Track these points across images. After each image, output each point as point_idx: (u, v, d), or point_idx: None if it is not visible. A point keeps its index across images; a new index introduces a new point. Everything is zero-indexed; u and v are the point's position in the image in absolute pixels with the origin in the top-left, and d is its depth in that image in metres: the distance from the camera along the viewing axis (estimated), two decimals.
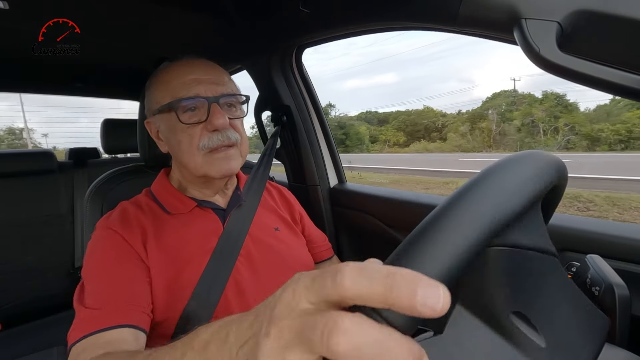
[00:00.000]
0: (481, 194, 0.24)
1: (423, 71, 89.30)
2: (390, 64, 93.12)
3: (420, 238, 0.22)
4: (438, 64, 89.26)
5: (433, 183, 6.87)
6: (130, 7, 0.79)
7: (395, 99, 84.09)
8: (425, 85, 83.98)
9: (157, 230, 0.58)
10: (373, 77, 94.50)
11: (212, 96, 0.57)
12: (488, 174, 0.26)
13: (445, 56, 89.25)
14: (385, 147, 28.28)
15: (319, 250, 0.81)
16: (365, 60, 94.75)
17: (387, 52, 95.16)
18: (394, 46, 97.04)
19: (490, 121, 21.83)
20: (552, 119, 19.16)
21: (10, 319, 1.34)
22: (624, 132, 15.44)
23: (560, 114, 19.15)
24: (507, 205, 0.24)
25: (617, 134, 15.62)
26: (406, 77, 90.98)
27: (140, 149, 0.77)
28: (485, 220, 0.23)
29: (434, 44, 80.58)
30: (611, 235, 0.57)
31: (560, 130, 17.73)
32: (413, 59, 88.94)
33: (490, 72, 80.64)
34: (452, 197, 0.25)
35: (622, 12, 0.35)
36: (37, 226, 1.42)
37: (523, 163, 0.27)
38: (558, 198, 0.35)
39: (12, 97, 50.12)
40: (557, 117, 19.08)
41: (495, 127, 21.41)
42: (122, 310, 0.47)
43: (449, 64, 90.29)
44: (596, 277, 0.36)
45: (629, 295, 0.34)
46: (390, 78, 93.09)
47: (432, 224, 0.23)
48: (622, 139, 15.51)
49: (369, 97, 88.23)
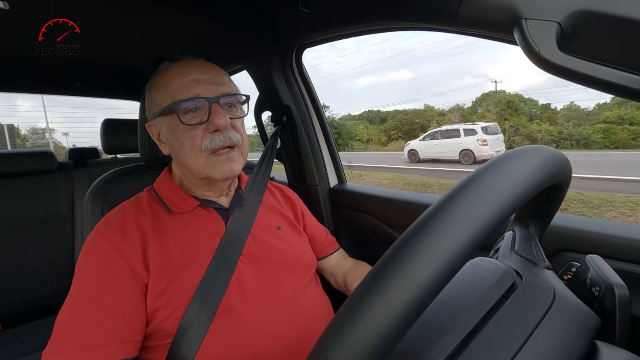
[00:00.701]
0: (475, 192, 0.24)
1: (438, 68, 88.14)
2: (404, 61, 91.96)
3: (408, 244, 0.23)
4: (453, 59, 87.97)
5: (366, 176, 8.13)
6: (130, 8, 0.80)
7: (409, 95, 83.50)
8: (440, 81, 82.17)
9: (158, 231, 0.58)
10: (387, 74, 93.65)
11: (212, 96, 0.57)
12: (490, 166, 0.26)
13: (460, 52, 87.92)
14: (369, 146, 28.99)
15: (324, 245, 0.82)
16: (379, 57, 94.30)
17: (400, 48, 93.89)
18: (406, 42, 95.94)
19: (453, 122, 25.41)
20: (502, 121, 22.38)
21: (10, 319, 1.34)
22: (556, 134, 18.75)
23: (510, 116, 22.57)
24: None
25: (550, 134, 18.92)
26: (420, 74, 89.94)
27: (140, 149, 0.77)
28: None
29: (448, 39, 79.87)
30: (611, 235, 0.57)
31: (507, 131, 20.91)
32: (427, 56, 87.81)
33: (505, 68, 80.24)
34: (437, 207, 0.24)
35: (622, 12, 0.35)
36: (37, 226, 1.42)
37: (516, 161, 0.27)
38: (561, 196, 0.35)
39: (35, 98, 50.17)
40: (506, 119, 22.29)
41: None
42: (91, 348, 0.47)
43: (464, 59, 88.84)
44: (596, 277, 0.36)
45: (629, 296, 0.34)
46: (405, 75, 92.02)
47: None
48: (554, 139, 18.61)
49: (384, 94, 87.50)
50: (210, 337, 0.53)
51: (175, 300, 0.54)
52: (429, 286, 0.21)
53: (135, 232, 0.56)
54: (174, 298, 0.54)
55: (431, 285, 0.21)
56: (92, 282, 0.52)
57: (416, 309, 0.21)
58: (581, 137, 17.68)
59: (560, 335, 0.30)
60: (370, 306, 0.21)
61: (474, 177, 0.25)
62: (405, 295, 0.21)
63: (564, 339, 0.30)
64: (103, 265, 0.53)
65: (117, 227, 0.56)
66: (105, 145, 1.51)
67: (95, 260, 0.53)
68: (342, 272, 0.82)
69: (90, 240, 0.56)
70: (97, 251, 0.54)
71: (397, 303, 0.21)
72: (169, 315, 0.53)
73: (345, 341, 0.21)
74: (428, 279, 0.21)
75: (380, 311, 0.21)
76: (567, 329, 0.30)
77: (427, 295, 0.21)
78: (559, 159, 0.30)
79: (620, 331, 0.33)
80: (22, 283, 1.38)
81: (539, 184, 0.27)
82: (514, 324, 0.30)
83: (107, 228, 0.56)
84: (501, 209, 0.24)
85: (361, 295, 0.22)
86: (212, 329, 0.53)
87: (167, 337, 0.53)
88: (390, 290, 0.21)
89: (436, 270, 0.21)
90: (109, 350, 0.48)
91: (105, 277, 0.52)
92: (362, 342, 0.20)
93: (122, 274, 0.53)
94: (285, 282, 0.62)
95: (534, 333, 0.29)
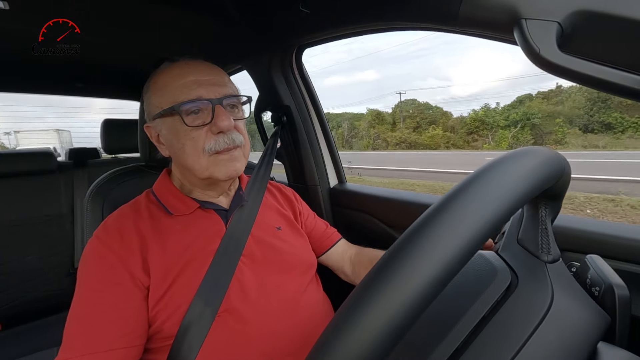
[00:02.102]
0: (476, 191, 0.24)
1: (403, 69, 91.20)
2: (371, 62, 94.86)
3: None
4: (418, 62, 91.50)
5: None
6: (130, 7, 0.79)
7: (374, 95, 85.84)
8: (405, 82, 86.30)
9: (158, 234, 0.58)
10: (354, 74, 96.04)
11: (215, 98, 0.57)
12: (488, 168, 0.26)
13: (424, 55, 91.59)
14: None
15: (325, 237, 0.82)
16: (347, 57, 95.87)
17: (367, 49, 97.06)
18: (373, 44, 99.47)
19: (344, 129, 33.70)
20: (371, 129, 30.13)
21: (10, 319, 1.34)
22: (399, 138, 26.96)
23: (377, 125, 30.04)
24: None
25: (396, 138, 27.01)
26: (386, 75, 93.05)
27: (140, 149, 0.77)
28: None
29: (413, 42, 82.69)
30: (611, 235, 0.57)
31: (372, 136, 28.82)
32: (393, 57, 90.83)
33: (465, 71, 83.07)
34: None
35: (622, 12, 0.35)
36: (37, 226, 1.42)
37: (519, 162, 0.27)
38: (561, 195, 0.35)
39: None
40: (373, 127, 29.99)
41: (347, 133, 33.55)
42: (94, 353, 0.47)
43: (428, 62, 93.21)
44: (596, 277, 0.36)
45: (629, 296, 0.34)
46: (371, 75, 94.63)
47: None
48: (398, 142, 26.12)
49: (352, 94, 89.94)
50: (211, 337, 0.53)
51: (176, 301, 0.54)
52: (430, 285, 0.21)
53: (134, 236, 0.56)
54: (175, 299, 0.54)
55: (431, 285, 0.21)
56: (93, 290, 0.52)
57: (417, 309, 0.21)
58: (412, 141, 26.16)
59: (555, 346, 0.29)
60: (369, 306, 0.21)
61: (486, 170, 0.25)
62: (407, 295, 0.20)
63: (559, 349, 0.29)
64: (104, 272, 0.53)
65: (116, 233, 0.56)
66: (105, 146, 1.51)
67: (95, 268, 0.53)
68: (349, 260, 0.81)
69: (90, 247, 0.56)
70: (97, 258, 0.54)
71: (397, 304, 0.20)
72: (170, 317, 0.53)
73: (347, 340, 0.20)
74: (429, 278, 0.21)
75: (380, 311, 0.20)
76: (562, 340, 0.30)
77: (428, 294, 0.21)
78: (561, 158, 0.30)
79: (620, 331, 0.33)
80: (22, 283, 1.38)
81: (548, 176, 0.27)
82: (504, 335, 0.29)
83: (106, 234, 0.56)
84: (516, 195, 0.24)
85: (360, 294, 0.22)
86: (213, 329, 0.53)
87: (168, 338, 0.53)
88: (391, 291, 0.21)
89: (433, 275, 0.21)
90: (113, 355, 0.48)
91: (106, 284, 0.52)
92: (362, 342, 0.20)
93: (122, 280, 0.53)
94: (286, 282, 0.62)
95: (524, 346, 0.28)
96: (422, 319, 0.22)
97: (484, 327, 0.30)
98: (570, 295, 0.33)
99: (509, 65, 72.65)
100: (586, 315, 0.32)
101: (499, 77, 39.02)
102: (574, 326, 0.31)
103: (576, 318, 0.31)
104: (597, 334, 0.31)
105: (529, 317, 0.30)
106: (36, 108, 54.90)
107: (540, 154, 0.28)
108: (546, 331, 0.29)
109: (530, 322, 0.30)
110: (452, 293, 0.32)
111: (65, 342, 0.49)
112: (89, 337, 0.48)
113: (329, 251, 0.81)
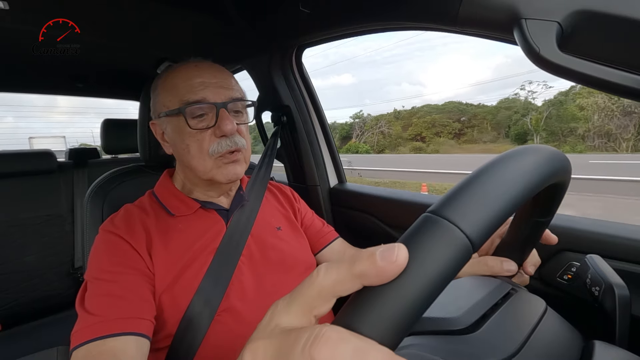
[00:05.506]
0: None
1: (378, 74, 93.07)
2: (347, 66, 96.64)
3: None
4: (392, 67, 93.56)
5: None
6: (130, 7, 0.79)
7: (350, 100, 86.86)
8: (380, 87, 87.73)
9: (161, 232, 0.58)
10: (330, 78, 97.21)
11: (220, 102, 0.58)
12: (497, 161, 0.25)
13: (398, 60, 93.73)
14: None
15: (322, 234, 0.81)
16: (323, 61, 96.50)
17: (343, 54, 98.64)
18: (350, 49, 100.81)
19: None
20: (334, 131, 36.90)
21: (10, 319, 1.34)
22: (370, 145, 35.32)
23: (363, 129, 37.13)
24: None
25: (375, 142, 35.53)
26: (362, 79, 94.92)
27: (140, 149, 0.77)
28: None
29: (388, 48, 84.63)
30: (611, 235, 0.57)
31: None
32: (369, 62, 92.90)
33: (435, 76, 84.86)
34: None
35: (622, 12, 0.35)
36: (37, 226, 1.42)
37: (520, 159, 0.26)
38: (560, 194, 0.35)
39: None
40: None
41: None
42: (125, 318, 0.47)
43: (402, 67, 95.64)
44: (596, 277, 0.36)
45: (629, 295, 0.34)
46: (347, 79, 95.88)
47: None
48: (374, 148, 33.54)
49: (329, 97, 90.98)
50: (210, 336, 0.53)
51: (176, 300, 0.54)
52: (433, 283, 0.20)
53: (142, 232, 0.57)
54: (175, 298, 0.54)
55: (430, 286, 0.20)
56: (110, 272, 0.51)
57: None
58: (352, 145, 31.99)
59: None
60: None
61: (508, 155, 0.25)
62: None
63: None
64: (119, 257, 0.53)
65: (124, 226, 0.57)
66: (105, 145, 1.51)
67: (111, 253, 0.53)
68: None
69: (100, 238, 0.56)
70: (111, 246, 0.54)
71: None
72: (170, 316, 0.53)
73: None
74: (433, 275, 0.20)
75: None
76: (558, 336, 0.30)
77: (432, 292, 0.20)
78: (562, 157, 0.30)
79: (620, 331, 0.33)
80: (22, 283, 1.38)
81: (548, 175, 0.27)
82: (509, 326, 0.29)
83: (114, 227, 0.57)
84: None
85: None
86: (212, 328, 0.54)
87: (167, 337, 0.53)
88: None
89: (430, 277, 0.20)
90: (142, 324, 0.48)
91: (124, 267, 0.52)
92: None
93: (138, 265, 0.53)
94: (285, 282, 0.62)
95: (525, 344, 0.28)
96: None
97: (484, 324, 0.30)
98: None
99: (479, 72, 73.07)
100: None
101: (469, 83, 39.99)
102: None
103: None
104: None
105: (529, 317, 0.31)
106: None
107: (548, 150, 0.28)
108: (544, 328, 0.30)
109: (530, 320, 0.30)
110: (452, 296, 0.33)
111: (83, 317, 0.47)
112: (118, 306, 0.48)
113: (324, 250, 0.80)
